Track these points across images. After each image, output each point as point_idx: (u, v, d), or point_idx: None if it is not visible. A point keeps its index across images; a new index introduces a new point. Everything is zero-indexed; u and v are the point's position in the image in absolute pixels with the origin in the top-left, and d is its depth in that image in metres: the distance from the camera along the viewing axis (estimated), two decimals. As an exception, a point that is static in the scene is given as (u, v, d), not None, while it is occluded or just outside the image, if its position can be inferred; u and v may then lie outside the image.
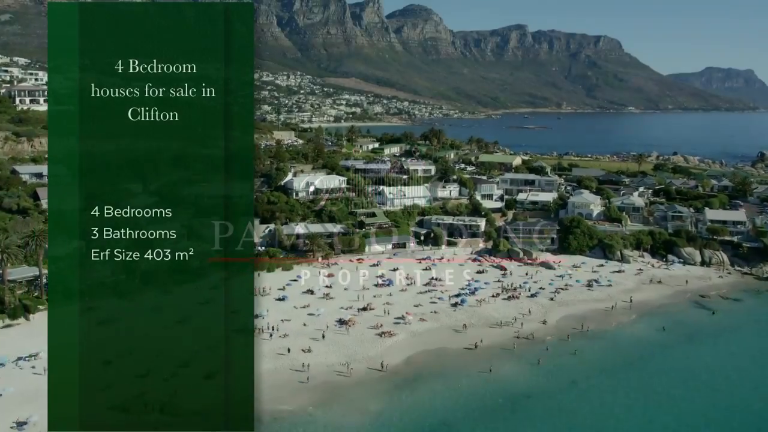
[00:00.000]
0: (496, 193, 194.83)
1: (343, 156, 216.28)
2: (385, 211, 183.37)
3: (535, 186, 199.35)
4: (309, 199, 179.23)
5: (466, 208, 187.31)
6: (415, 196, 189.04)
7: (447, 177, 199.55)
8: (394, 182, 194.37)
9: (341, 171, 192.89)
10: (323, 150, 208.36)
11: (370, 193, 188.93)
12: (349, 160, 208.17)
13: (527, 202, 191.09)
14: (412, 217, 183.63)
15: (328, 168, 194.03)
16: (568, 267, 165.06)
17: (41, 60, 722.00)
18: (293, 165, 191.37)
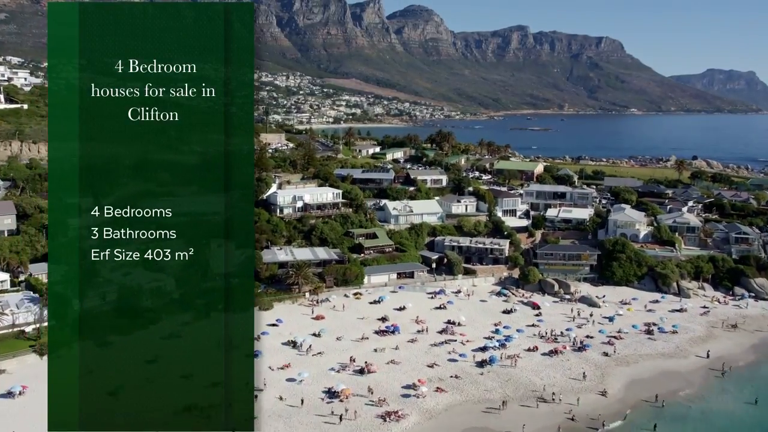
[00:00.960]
0: (519, 209, 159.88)
1: (338, 163, 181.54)
2: (388, 230, 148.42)
3: (566, 200, 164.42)
4: (296, 217, 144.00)
5: (486, 227, 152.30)
6: (424, 212, 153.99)
7: (462, 189, 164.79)
8: (399, 195, 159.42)
9: (336, 182, 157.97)
10: (315, 156, 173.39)
11: (370, 208, 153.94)
12: (345, 169, 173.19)
13: (558, 219, 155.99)
14: (421, 238, 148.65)
15: (320, 178, 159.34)
16: (615, 304, 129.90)
17: (36, 59, 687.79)
18: (278, 175, 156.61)
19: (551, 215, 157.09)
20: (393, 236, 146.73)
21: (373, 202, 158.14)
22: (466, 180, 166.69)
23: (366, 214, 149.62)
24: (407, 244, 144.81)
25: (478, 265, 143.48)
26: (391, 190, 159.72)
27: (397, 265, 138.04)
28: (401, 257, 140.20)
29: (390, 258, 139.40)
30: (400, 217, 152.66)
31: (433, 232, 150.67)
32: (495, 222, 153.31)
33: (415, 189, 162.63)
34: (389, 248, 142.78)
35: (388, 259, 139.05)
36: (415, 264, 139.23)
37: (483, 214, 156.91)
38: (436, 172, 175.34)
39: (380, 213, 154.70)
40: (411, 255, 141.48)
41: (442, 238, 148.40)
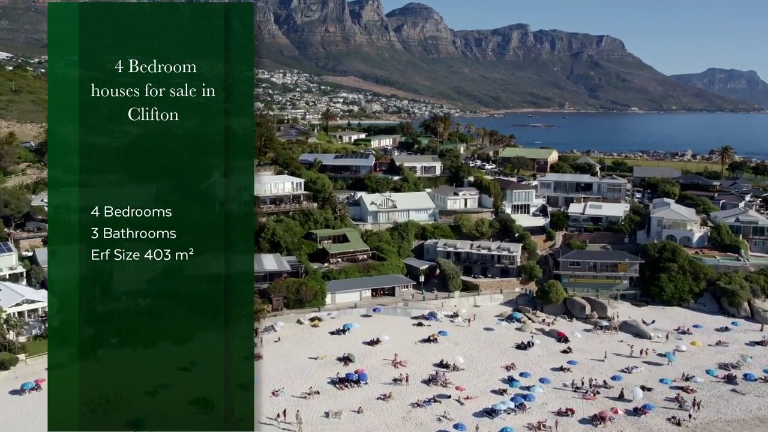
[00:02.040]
0: (534, 204, 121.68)
1: (307, 148, 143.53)
2: (363, 232, 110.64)
3: (592, 192, 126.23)
4: (242, 212, 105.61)
5: (491, 228, 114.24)
6: (411, 208, 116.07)
7: (460, 179, 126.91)
8: (380, 186, 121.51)
9: (300, 169, 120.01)
10: (274, 138, 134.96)
11: (341, 202, 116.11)
12: (314, 154, 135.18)
13: (584, 217, 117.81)
14: (407, 241, 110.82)
15: (279, 164, 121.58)
16: (670, 333, 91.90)
17: (26, 55, 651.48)
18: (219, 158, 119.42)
19: (575, 212, 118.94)
20: (369, 239, 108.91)
21: (347, 195, 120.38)
22: (465, 168, 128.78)
23: (335, 211, 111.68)
24: (388, 249, 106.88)
25: (481, 278, 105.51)
26: (370, 180, 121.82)
27: (373, 279, 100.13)
28: (379, 267, 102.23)
29: (364, 269, 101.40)
30: (380, 215, 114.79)
31: (423, 234, 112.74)
32: (503, 221, 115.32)
33: (401, 178, 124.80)
34: (363, 255, 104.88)
35: (361, 270, 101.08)
36: (396, 277, 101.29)
37: (487, 211, 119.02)
38: (427, 158, 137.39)
39: (354, 209, 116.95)
40: (392, 264, 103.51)
41: (434, 241, 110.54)
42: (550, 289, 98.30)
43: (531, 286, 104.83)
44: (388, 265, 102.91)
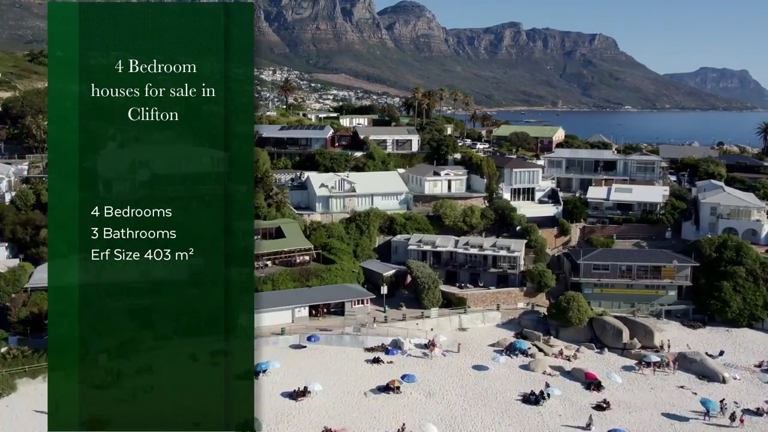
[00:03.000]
0: (541, 186, 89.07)
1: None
2: (307, 225, 78.43)
3: (616, 172, 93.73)
4: (136, 198, 73.42)
5: (484, 219, 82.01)
6: (375, 192, 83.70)
7: (443, 155, 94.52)
8: (336, 164, 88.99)
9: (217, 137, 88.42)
10: None
11: (281, 185, 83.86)
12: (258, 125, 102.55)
13: (609, 204, 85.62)
14: (368, 237, 78.61)
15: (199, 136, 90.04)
16: (749, 372, 60.03)
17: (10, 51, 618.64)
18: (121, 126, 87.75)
19: (596, 197, 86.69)
20: (315, 234, 76.67)
21: (291, 175, 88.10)
22: (449, 142, 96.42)
23: (269, 195, 79.25)
24: (340, 248, 74.51)
25: (470, 288, 73.37)
26: (323, 156, 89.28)
27: (314, 291, 67.77)
28: (323, 274, 69.85)
29: (301, 276, 69.02)
30: (333, 201, 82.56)
31: (390, 227, 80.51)
32: (500, 209, 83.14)
33: (365, 155, 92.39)
34: (303, 256, 72.63)
35: (298, 279, 68.76)
36: (348, 287, 68.89)
37: (478, 196, 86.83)
38: (400, 130, 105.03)
39: (297, 194, 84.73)
40: (343, 269, 71.14)
41: (406, 237, 78.45)
42: (570, 305, 66.11)
43: (540, 299, 72.87)
44: (338, 271, 70.62)
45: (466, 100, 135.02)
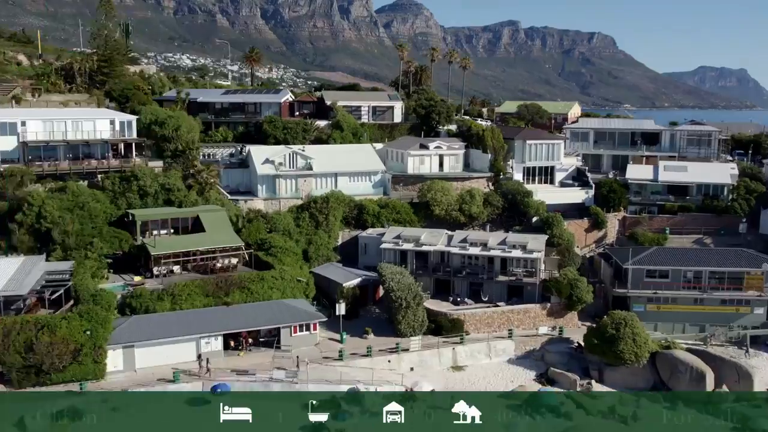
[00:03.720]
0: (563, 165, 65.62)
1: (188, 87, 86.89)
2: (243, 215, 55.15)
3: (660, 147, 70.23)
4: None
5: (488, 207, 58.75)
6: (341, 171, 60.24)
7: (433, 125, 71.23)
8: (291, 135, 65.44)
9: (149, 104, 64.24)
10: (117, 63, 77.11)
11: (211, 161, 60.56)
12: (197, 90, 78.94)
13: (656, 187, 62.28)
14: (326, 231, 55.36)
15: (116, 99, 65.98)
16: None
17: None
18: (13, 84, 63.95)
19: (638, 178, 63.15)
20: (251, 228, 53.37)
21: (231, 149, 64.66)
22: (441, 108, 73.04)
23: (190, 174, 55.89)
24: (283, 248, 51.08)
25: (469, 304, 50.03)
26: (274, 125, 65.85)
27: (236, 311, 44.18)
28: (254, 285, 46.47)
29: (219, 287, 45.66)
30: (282, 183, 59.10)
31: (359, 218, 57.31)
32: (510, 193, 59.81)
33: (331, 124, 68.99)
34: (229, 259, 49.39)
35: (214, 292, 45.40)
36: (288, 305, 45.23)
37: (480, 176, 63.37)
38: (380, 96, 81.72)
39: (237, 175, 61.33)
40: (283, 278, 47.74)
41: (379, 232, 55.23)
42: (620, 332, 42.73)
43: (570, 321, 49.63)
44: (275, 280, 47.18)
45: (465, 63, 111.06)
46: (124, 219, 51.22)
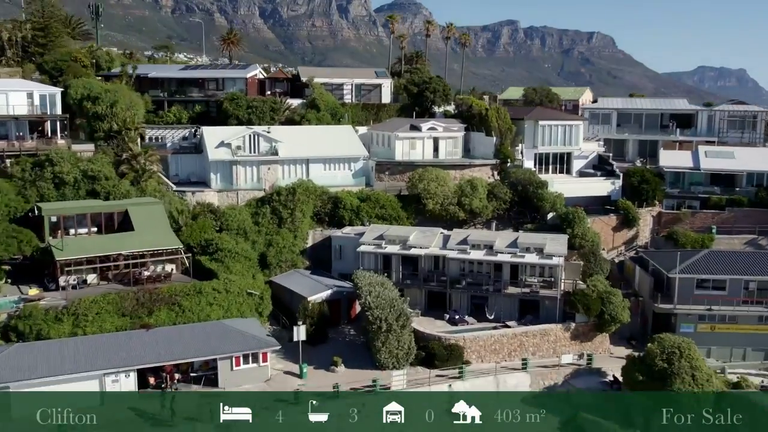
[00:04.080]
0: (582, 150, 54.51)
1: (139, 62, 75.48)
2: (185, 209, 43.79)
3: (696, 131, 58.94)
4: None
5: (493, 200, 47.48)
6: (315, 157, 48.94)
7: (426, 105, 60.24)
8: (257, 114, 54.18)
9: (88, 76, 53.31)
10: (57, 31, 66.65)
11: (159, 145, 49.28)
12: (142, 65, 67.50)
13: (697, 177, 51.02)
14: (291, 230, 44.08)
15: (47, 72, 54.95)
16: None
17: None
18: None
19: (674, 166, 51.93)
20: (193, 226, 42.03)
21: (184, 131, 53.30)
22: (437, 85, 61.94)
23: (124, 160, 44.59)
24: (233, 251, 39.88)
25: (469, 324, 38.74)
26: (236, 102, 54.72)
27: (160, 336, 32.85)
28: (189, 300, 35.21)
29: (141, 304, 34.39)
30: (241, 171, 47.78)
31: (334, 213, 46.06)
32: (519, 183, 48.55)
33: (305, 103, 57.83)
34: (164, 265, 38.16)
35: (135, 310, 34.10)
36: (231, 328, 33.93)
37: (483, 164, 52.13)
38: (366, 73, 70.42)
39: (189, 161, 49.93)
40: (229, 290, 36.51)
41: (357, 231, 43.95)
42: (675, 364, 31.43)
43: (600, 344, 38.32)
44: (216, 293, 35.98)
45: (464, 39, 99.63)
46: (30, 214, 39.96)
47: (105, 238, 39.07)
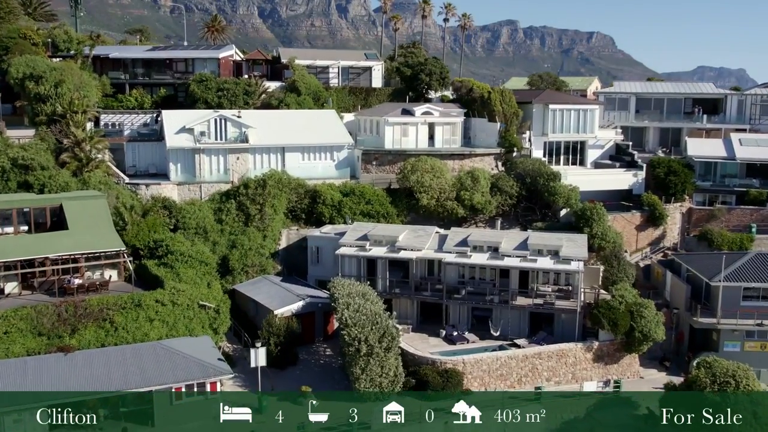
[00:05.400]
0: (598, 138, 47.81)
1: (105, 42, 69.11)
2: (134, 205, 36.92)
3: (725, 117, 52.28)
4: None
5: (498, 194, 40.72)
6: (291, 144, 42.15)
7: (420, 89, 53.69)
8: (231, 98, 47.39)
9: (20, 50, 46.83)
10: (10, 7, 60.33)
11: (95, 130, 42.63)
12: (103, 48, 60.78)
13: (730, 168, 44.21)
14: (260, 228, 37.30)
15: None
16: None
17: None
18: None
19: (703, 155, 45.24)
20: (141, 225, 35.16)
21: (145, 117, 46.45)
22: (434, 67, 55.50)
23: (67, 147, 37.85)
24: (189, 253, 33.08)
25: (470, 342, 31.96)
26: (205, 86, 48.09)
27: (85, 359, 25.96)
28: (126, 315, 28.45)
29: (63, 320, 27.55)
30: (205, 161, 41.04)
31: (312, 210, 39.31)
32: (528, 175, 41.80)
33: (284, 85, 51.21)
34: (101, 271, 31.30)
35: (54, 328, 27.28)
36: (176, 350, 27.18)
37: (486, 153, 45.41)
38: (355, 55, 63.51)
39: (148, 151, 43.13)
40: (177, 302, 29.71)
41: (337, 231, 37.21)
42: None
43: (629, 366, 31.45)
44: (160, 306, 29.19)
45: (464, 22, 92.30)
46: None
47: (31, 239, 32.25)
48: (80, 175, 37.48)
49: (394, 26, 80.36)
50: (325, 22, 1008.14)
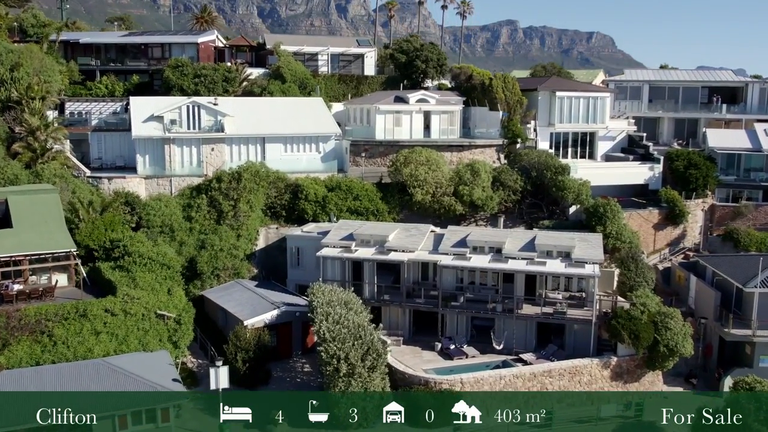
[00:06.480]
0: (609, 129, 43.72)
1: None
2: (92, 200, 32.76)
3: (745, 107, 48.11)
4: None
5: (500, 189, 36.61)
6: (272, 134, 38.08)
7: (415, 76, 49.57)
8: (209, 86, 43.23)
9: None
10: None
11: (69, 122, 38.50)
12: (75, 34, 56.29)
13: (758, 161, 40.08)
14: (234, 227, 33.20)
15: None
16: None
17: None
18: None
19: (726, 147, 41.16)
20: (96, 223, 30.98)
21: (115, 105, 42.27)
22: (430, 53, 51.44)
23: (20, 136, 33.72)
24: (150, 254, 28.95)
25: (469, 357, 27.89)
26: (181, 72, 44.00)
27: (14, 379, 22.05)
28: (70, 330, 24.32)
29: None
30: (177, 151, 36.94)
31: (293, 207, 35.22)
32: (533, 167, 37.71)
33: (268, 72, 47.13)
34: (49, 275, 27.17)
35: (-19, 343, 23.26)
36: (123, 370, 23.04)
37: (487, 144, 41.32)
38: (346, 42, 59.51)
39: (113, 141, 39.07)
40: (130, 311, 25.57)
41: (323, 229, 33.11)
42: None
43: (649, 386, 27.27)
44: (110, 316, 25.09)
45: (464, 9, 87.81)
46: None
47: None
48: (33, 167, 33.41)
49: (390, 13, 75.75)
50: (324, 22, 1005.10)
